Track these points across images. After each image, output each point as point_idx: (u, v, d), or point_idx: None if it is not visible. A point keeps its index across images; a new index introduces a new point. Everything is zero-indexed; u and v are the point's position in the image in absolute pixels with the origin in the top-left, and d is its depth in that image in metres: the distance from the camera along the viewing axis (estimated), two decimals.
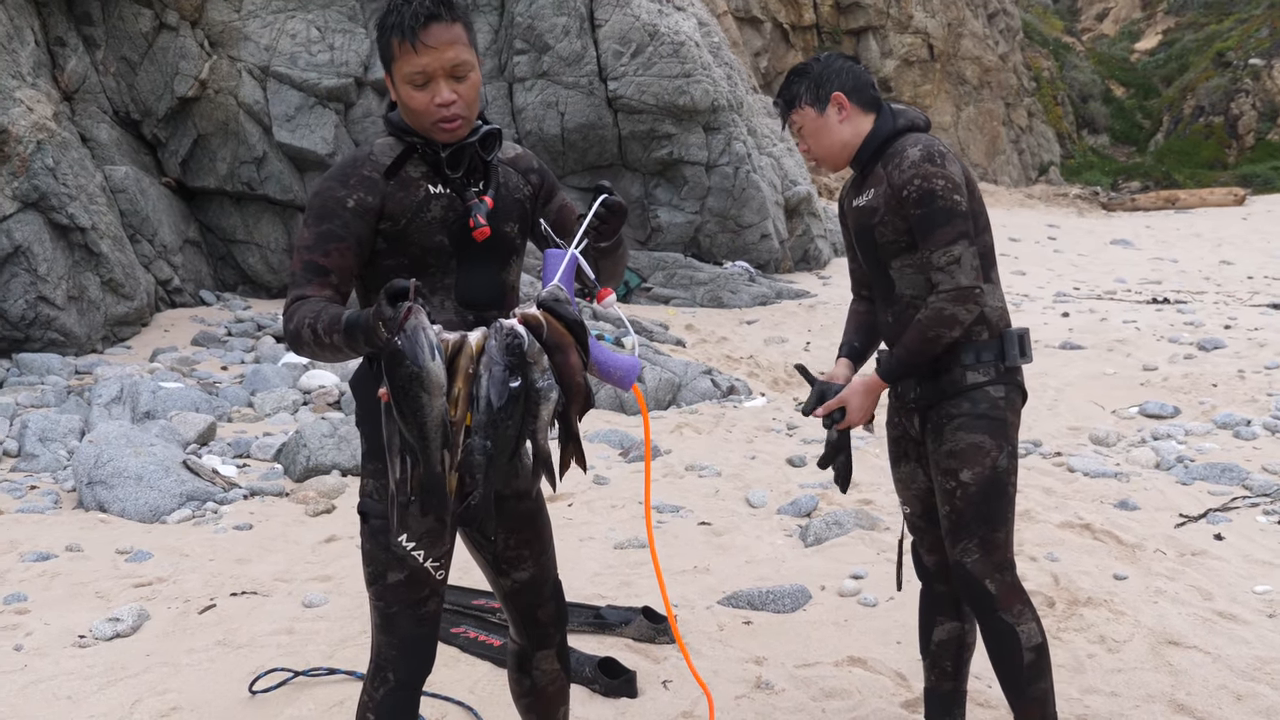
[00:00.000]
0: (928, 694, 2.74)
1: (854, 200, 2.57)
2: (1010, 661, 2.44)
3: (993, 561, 2.42)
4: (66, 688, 3.13)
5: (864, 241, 2.53)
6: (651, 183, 13.20)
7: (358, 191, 1.99)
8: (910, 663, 3.36)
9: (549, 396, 1.81)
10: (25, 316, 8.12)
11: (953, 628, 2.67)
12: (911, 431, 2.57)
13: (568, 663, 2.37)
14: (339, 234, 1.97)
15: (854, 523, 4.77)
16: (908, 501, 2.65)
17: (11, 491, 5.21)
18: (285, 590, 3.98)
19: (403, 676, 2.06)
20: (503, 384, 1.75)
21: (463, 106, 2.00)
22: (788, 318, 11.29)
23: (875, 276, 2.55)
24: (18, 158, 8.20)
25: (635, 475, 5.70)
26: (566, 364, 1.82)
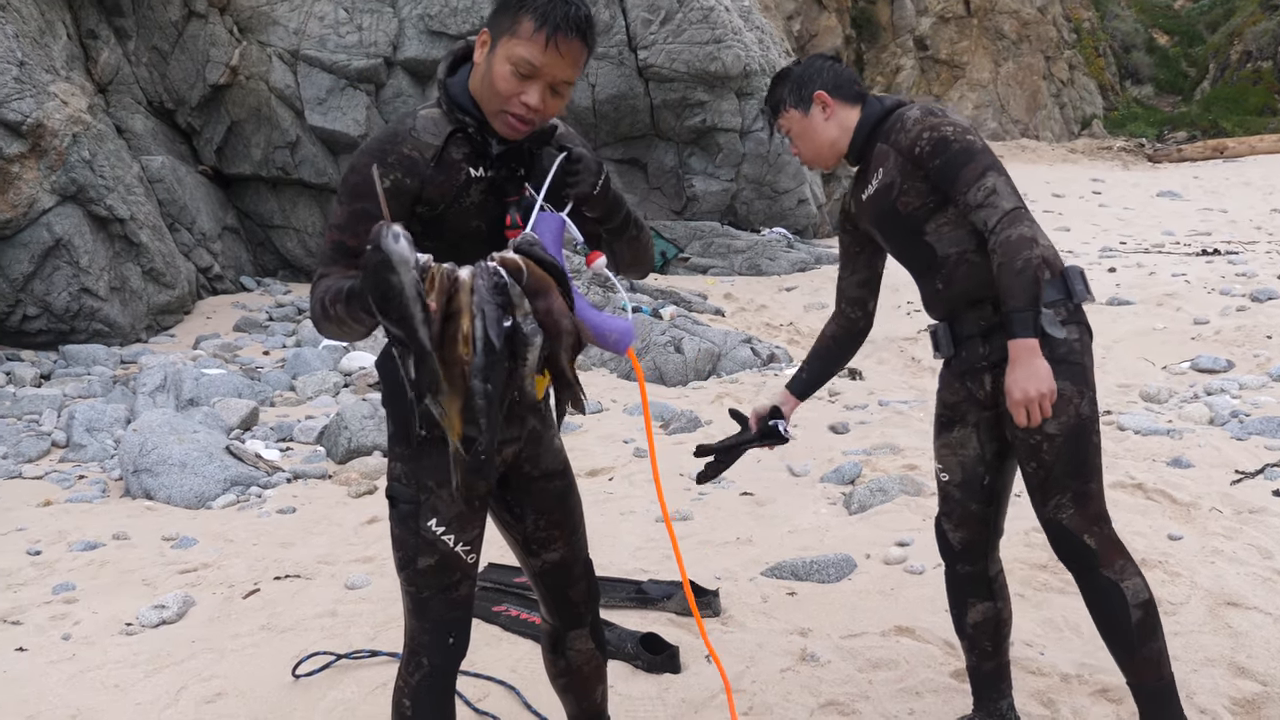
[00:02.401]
0: (972, 672, 2.67)
1: (862, 194, 2.52)
2: (1117, 621, 2.30)
3: (1089, 515, 2.31)
4: (114, 676, 3.15)
5: (887, 224, 2.47)
6: (685, 152, 13.05)
7: (395, 171, 1.89)
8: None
9: (533, 341, 1.70)
10: (70, 309, 8.21)
11: (986, 608, 2.58)
12: (979, 394, 2.45)
13: (603, 642, 2.32)
14: (373, 214, 1.87)
15: (899, 489, 4.68)
16: (948, 469, 2.55)
17: (61, 481, 5.27)
18: (328, 573, 3.98)
19: (437, 661, 2.02)
20: (498, 324, 1.65)
21: (543, 117, 1.92)
22: (828, 283, 11.12)
23: (911, 252, 2.46)
24: (54, 151, 8.27)
25: (675, 447, 5.64)
26: (549, 307, 1.72)
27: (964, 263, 2.39)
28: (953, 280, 2.42)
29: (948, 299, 2.44)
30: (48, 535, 4.44)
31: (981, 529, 2.53)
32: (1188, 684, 2.89)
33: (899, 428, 5.93)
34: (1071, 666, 3.01)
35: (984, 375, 2.43)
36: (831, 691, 2.93)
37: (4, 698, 3.02)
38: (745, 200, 13.18)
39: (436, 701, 2.05)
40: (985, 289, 2.38)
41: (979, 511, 2.51)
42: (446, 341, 1.63)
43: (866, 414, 6.28)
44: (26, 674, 3.18)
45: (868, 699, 2.88)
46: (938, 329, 2.51)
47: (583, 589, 2.23)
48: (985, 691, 2.64)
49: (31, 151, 8.14)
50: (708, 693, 2.96)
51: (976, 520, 2.52)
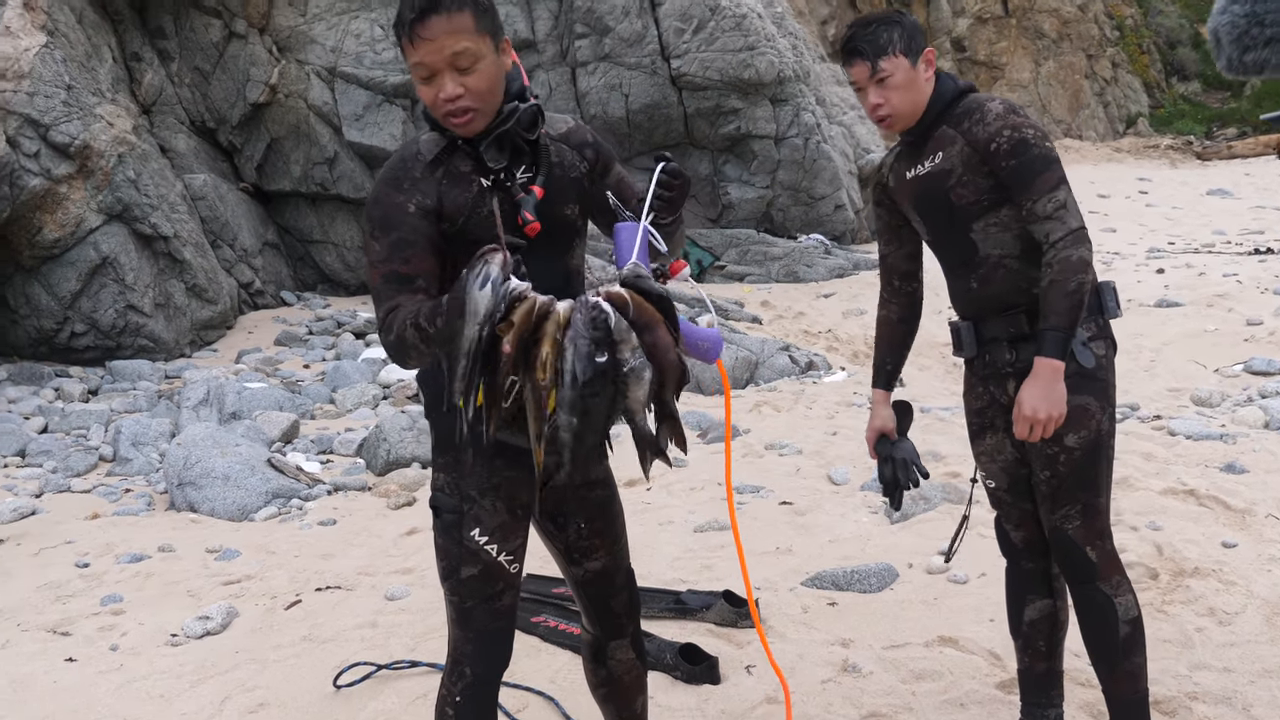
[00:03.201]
0: (1022, 675, 2.63)
1: (909, 170, 2.44)
2: (1105, 634, 2.35)
3: (1095, 529, 2.34)
4: (160, 686, 3.20)
5: (932, 210, 2.42)
6: (720, 159, 13.05)
7: (415, 195, 1.92)
8: (1005, 641, 3.20)
9: (641, 376, 1.72)
10: (116, 325, 8.40)
11: (1044, 605, 2.55)
12: (1002, 399, 2.45)
13: (643, 652, 2.31)
14: (410, 239, 1.90)
15: (941, 497, 4.63)
16: (992, 475, 2.53)
17: (108, 495, 5.38)
18: (368, 584, 4.02)
19: (480, 671, 2.04)
20: (588, 358, 1.66)
21: (472, 99, 1.90)
22: (866, 289, 11.05)
23: (950, 244, 2.42)
24: (101, 172, 8.47)
25: (714, 456, 5.62)
26: (656, 341, 1.73)
27: (1003, 267, 2.37)
28: (989, 282, 2.39)
29: (979, 299, 2.42)
30: (95, 548, 4.54)
31: (1039, 527, 2.51)
32: (1243, 695, 2.84)
33: (940, 435, 5.86)
34: None
35: (1009, 381, 2.42)
36: (874, 703, 2.90)
37: (54, 707, 3.09)
38: (781, 207, 13.14)
39: (479, 711, 2.06)
40: (1019, 296, 2.36)
41: (1034, 511, 2.49)
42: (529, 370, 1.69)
43: None
44: (76, 684, 3.24)
45: (911, 710, 2.85)
46: (961, 328, 2.48)
47: (625, 599, 2.23)
48: (1034, 696, 2.61)
49: (79, 172, 8.35)
50: (747, 704, 2.94)
51: (1033, 519, 2.50)
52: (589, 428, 1.72)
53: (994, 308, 2.40)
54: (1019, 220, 2.32)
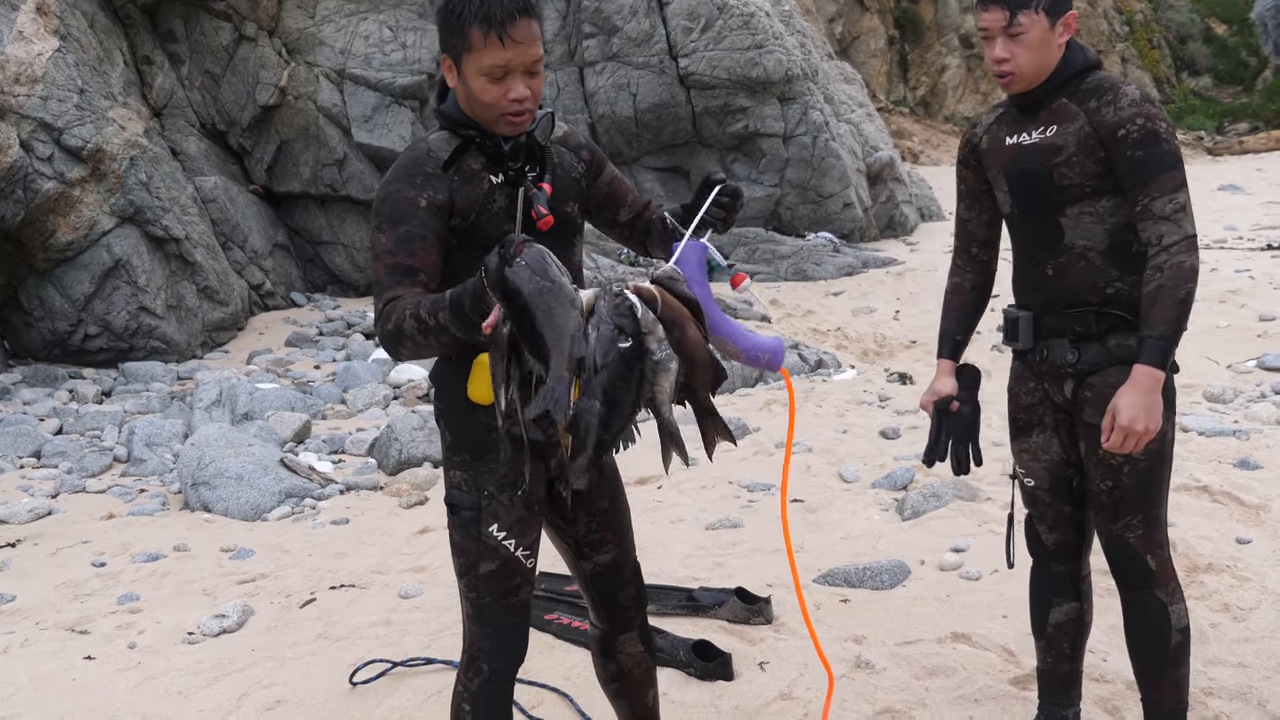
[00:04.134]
0: (1042, 675, 2.61)
1: (1012, 136, 2.32)
2: (1157, 641, 2.32)
3: (1155, 538, 2.31)
4: (178, 684, 3.24)
5: (1027, 184, 2.29)
6: (728, 158, 13.06)
7: (427, 190, 1.95)
8: (1018, 637, 3.23)
9: (668, 367, 1.74)
10: (129, 327, 8.45)
11: (1071, 609, 2.51)
12: (1056, 398, 2.37)
13: (652, 645, 2.34)
14: (419, 233, 1.93)
15: (953, 494, 4.63)
16: (1033, 474, 2.45)
17: (122, 495, 5.43)
18: (382, 582, 4.05)
19: (497, 667, 2.06)
20: (610, 341, 1.68)
21: (532, 103, 1.97)
22: (875, 287, 11.06)
23: (1034, 224, 2.31)
24: (113, 175, 8.52)
25: (723, 454, 5.62)
26: (685, 337, 1.76)
27: (1084, 259, 2.27)
28: (1065, 273, 2.29)
29: (1050, 289, 2.31)
30: (112, 547, 4.58)
31: (1074, 530, 2.46)
32: (1259, 690, 2.84)
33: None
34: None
35: (1066, 381, 2.35)
36: (887, 699, 2.91)
37: (73, 704, 3.12)
38: (790, 205, 13.14)
39: (496, 707, 2.08)
40: (1093, 294, 2.28)
41: (1072, 513, 2.45)
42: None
43: (917, 419, 6.21)
44: (95, 682, 3.28)
45: (925, 706, 2.86)
46: (1019, 317, 2.37)
47: (632, 592, 2.26)
48: (1054, 697, 2.59)
49: (91, 175, 8.40)
50: (761, 700, 2.96)
51: (1069, 522, 2.45)
52: (615, 414, 1.72)
53: (1064, 301, 2.31)
54: (1115, 213, 2.22)
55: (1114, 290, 2.27)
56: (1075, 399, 2.34)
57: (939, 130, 28.60)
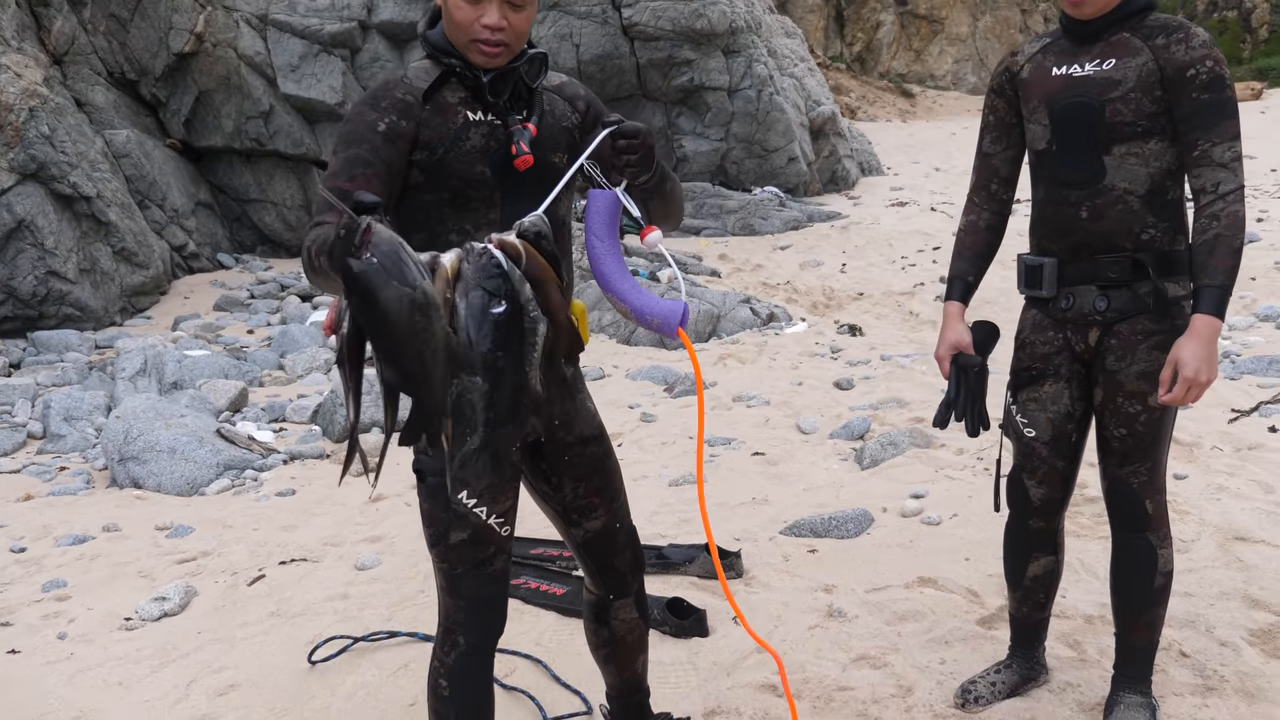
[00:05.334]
0: (1016, 622, 2.64)
1: (1061, 67, 2.24)
2: (1141, 582, 2.35)
3: (1156, 484, 2.32)
4: (117, 673, 3.05)
5: (1074, 117, 2.21)
6: (674, 112, 12.92)
7: (390, 115, 1.84)
8: (981, 578, 3.32)
9: (536, 328, 1.62)
10: (37, 293, 8.03)
11: (1048, 562, 2.53)
12: (1078, 347, 2.33)
13: (646, 611, 2.26)
14: (367, 159, 1.81)
15: (909, 442, 4.68)
16: (1035, 425, 2.40)
17: (40, 475, 5.15)
18: (335, 554, 3.89)
19: (473, 640, 1.95)
20: (481, 310, 1.54)
21: (510, 35, 1.86)
22: (821, 240, 11.10)
23: (1074, 161, 2.23)
24: (10, 127, 8.05)
25: (683, 410, 5.58)
26: (547, 299, 1.64)
27: (1123, 203, 2.20)
28: (1101, 215, 2.22)
29: (1082, 231, 2.24)
30: (31, 530, 4.33)
31: (1062, 486, 2.45)
32: (1206, 617, 2.96)
33: (903, 381, 5.93)
34: (1093, 608, 3.05)
35: (1091, 330, 2.31)
36: (861, 646, 2.93)
37: (2, 701, 2.92)
38: (735, 160, 13.06)
39: (474, 681, 1.98)
40: (1128, 239, 2.21)
41: (1064, 470, 2.43)
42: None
43: (870, 369, 6.28)
44: (22, 677, 3.07)
45: (898, 651, 2.88)
46: (1044, 264, 2.30)
47: (628, 557, 2.17)
48: (1026, 640, 2.63)
49: None
50: (738, 654, 2.92)
51: (1060, 478, 2.43)
52: (500, 387, 1.59)
53: (1096, 245, 2.24)
54: (1160, 157, 2.17)
55: (1148, 236, 2.22)
56: (1099, 347, 2.30)
57: (875, 86, 28.73)
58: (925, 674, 2.75)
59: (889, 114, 27.25)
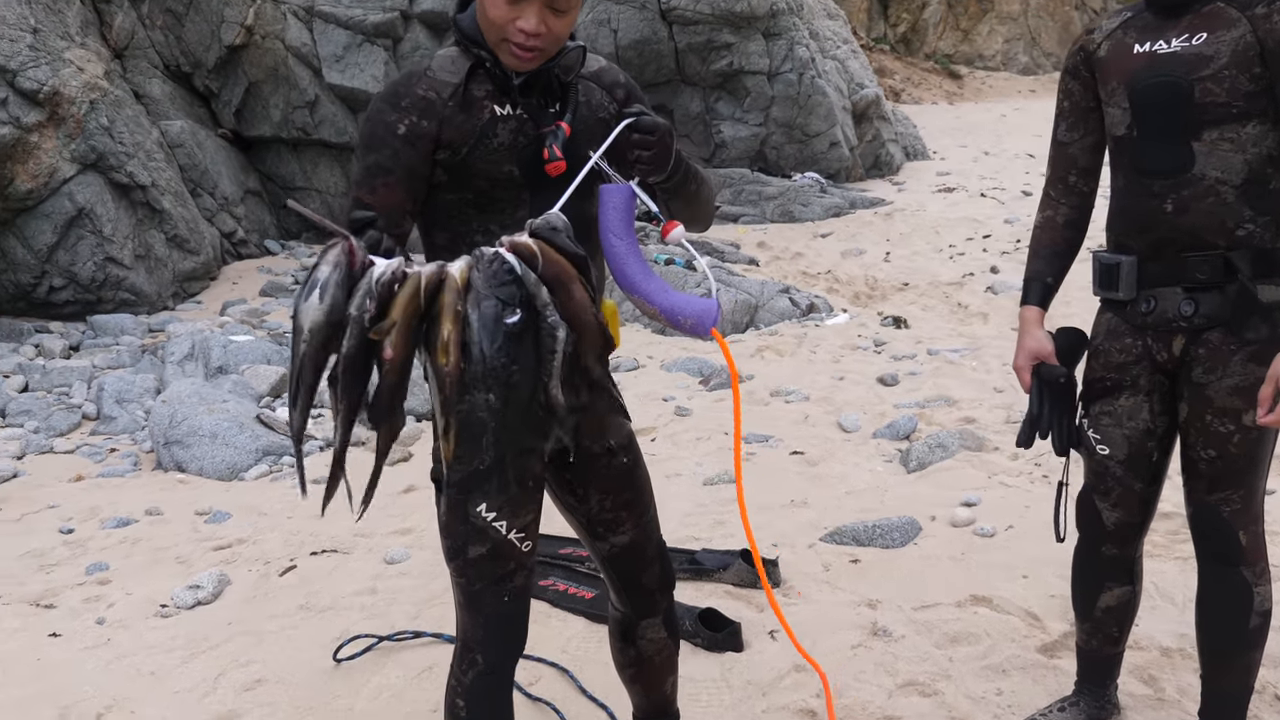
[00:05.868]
0: (1085, 655, 2.39)
1: (1144, 44, 2.00)
2: (1233, 622, 2.09)
3: (1252, 512, 2.06)
4: (150, 662, 3.01)
5: (1158, 99, 1.97)
6: (712, 97, 12.68)
7: (410, 115, 1.71)
8: (1041, 599, 3.06)
9: (555, 334, 1.49)
10: (95, 278, 8.10)
11: (1123, 593, 2.26)
12: (1159, 356, 2.08)
13: (676, 629, 2.11)
14: (386, 166, 1.69)
15: (959, 444, 4.45)
16: (1110, 442, 2.15)
17: (92, 455, 5.16)
18: (365, 546, 3.83)
19: (492, 659, 1.84)
20: (494, 321, 1.43)
21: (547, 41, 1.70)
22: (864, 228, 10.82)
23: (1158, 149, 1.99)
24: (72, 119, 8.10)
25: (718, 404, 5.43)
26: (570, 300, 1.51)
27: (1215, 194, 1.95)
28: (1188, 208, 1.96)
29: (1166, 227, 1.99)
30: (80, 512, 4.33)
31: (1141, 510, 2.18)
32: None
33: (951, 378, 5.69)
34: (1171, 639, 2.78)
35: (1175, 337, 2.04)
36: (909, 670, 2.72)
37: (39, 688, 2.89)
38: (775, 145, 12.81)
39: (493, 701, 1.87)
40: (1220, 236, 1.96)
41: (1142, 492, 2.16)
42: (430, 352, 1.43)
43: (916, 364, 6.04)
44: (61, 661, 3.05)
45: (949, 678, 2.67)
46: (1121, 262, 2.05)
47: (656, 574, 2.02)
48: (1095, 677, 2.38)
49: (49, 120, 7.98)
50: (774, 672, 2.77)
51: (1138, 501, 2.17)
52: (512, 403, 1.47)
53: (1182, 242, 1.98)
54: (1259, 142, 1.92)
55: (1245, 232, 1.96)
56: (1185, 357, 2.05)
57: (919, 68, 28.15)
58: (980, 706, 2.52)
59: (935, 96, 26.69)
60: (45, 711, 2.76)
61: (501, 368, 1.45)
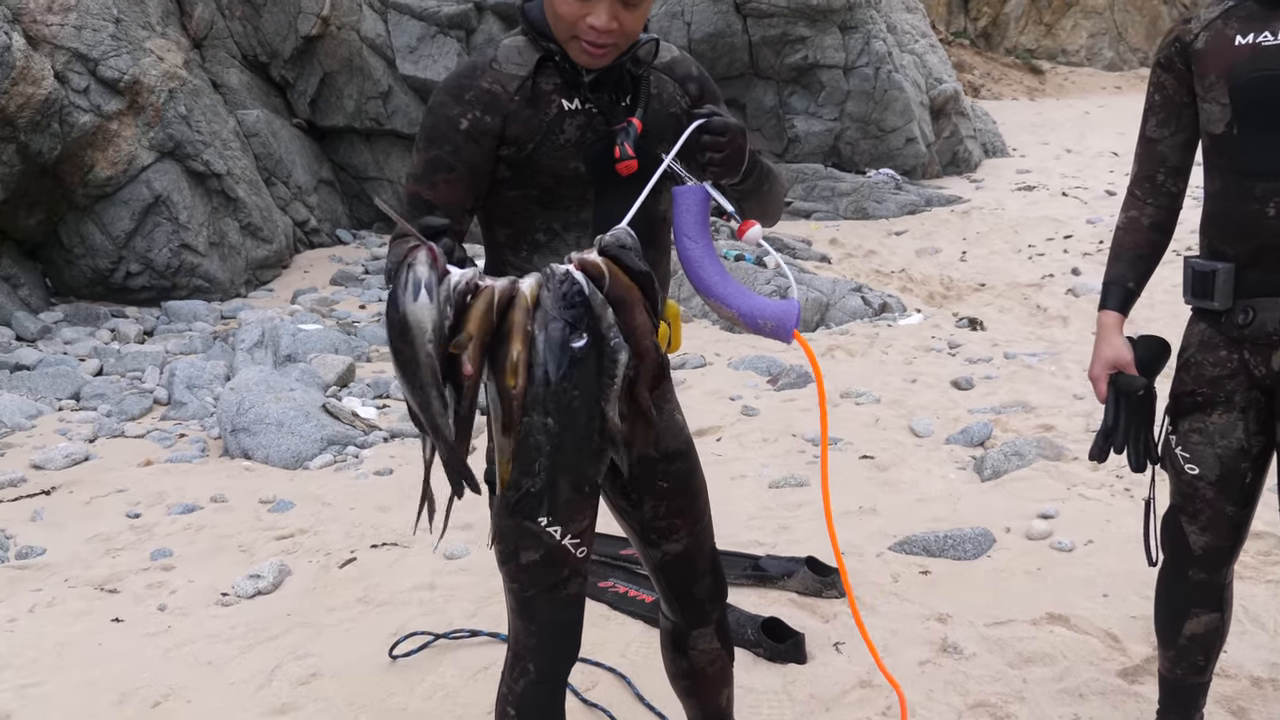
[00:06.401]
0: (1168, 684, 2.26)
1: (1246, 36, 1.88)
2: None
3: None
4: (208, 652, 3.03)
5: (1262, 95, 1.86)
6: (786, 91, 12.52)
7: (474, 109, 1.65)
8: (1122, 620, 2.93)
9: (617, 358, 1.48)
10: (171, 265, 8.27)
11: (1210, 620, 2.13)
12: (1257, 371, 1.96)
13: (729, 640, 2.06)
14: (448, 162, 1.65)
15: (1036, 453, 4.30)
16: (1200, 461, 2.03)
17: (161, 440, 5.25)
18: (426, 541, 3.80)
19: (544, 668, 1.79)
20: (561, 346, 1.43)
21: (620, 37, 1.63)
22: (940, 226, 10.60)
23: (1261, 148, 1.88)
24: (151, 108, 8.27)
25: (786, 404, 5.32)
26: (632, 323, 1.48)
27: None
28: None
29: (1267, 232, 1.88)
30: (147, 497, 4.39)
31: (1232, 534, 2.07)
32: None
33: (1029, 383, 5.52)
34: (1261, 668, 2.64)
35: (1275, 351, 1.93)
36: (980, 690, 2.62)
37: (100, 673, 2.93)
38: (850, 140, 12.60)
39: (544, 711, 1.82)
40: None
41: (1234, 515, 2.05)
42: (496, 371, 1.42)
43: (992, 368, 5.87)
44: (122, 648, 3.08)
45: (1023, 700, 2.56)
46: (1217, 270, 1.93)
47: (709, 584, 1.97)
48: (1179, 707, 2.25)
49: (129, 109, 8.16)
50: (839, 687, 2.68)
51: (1229, 525, 2.05)
52: (570, 428, 1.46)
53: None
54: None
55: None
56: None
57: (1000, 63, 27.54)
58: None
59: (1015, 92, 26.06)
60: (104, 697, 2.79)
61: (563, 392, 1.44)
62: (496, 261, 1.79)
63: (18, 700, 2.80)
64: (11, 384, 6.01)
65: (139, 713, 2.74)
